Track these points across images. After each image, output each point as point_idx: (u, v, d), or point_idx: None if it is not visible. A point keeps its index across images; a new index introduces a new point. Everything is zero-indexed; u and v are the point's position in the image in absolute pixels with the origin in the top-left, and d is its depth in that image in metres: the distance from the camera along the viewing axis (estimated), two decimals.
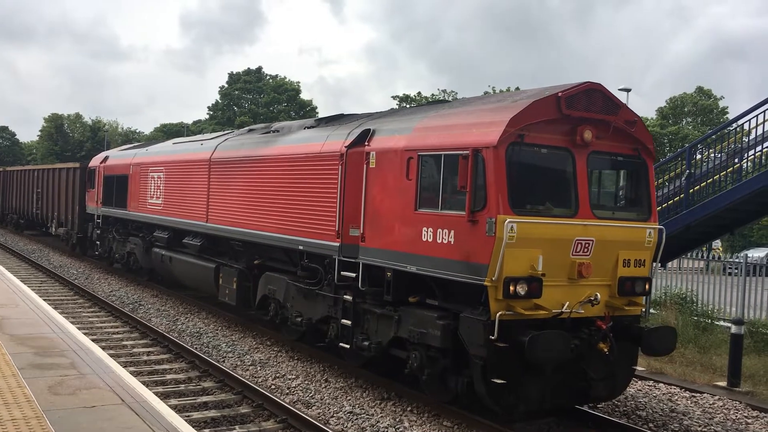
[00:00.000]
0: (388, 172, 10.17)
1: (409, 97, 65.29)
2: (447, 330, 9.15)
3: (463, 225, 8.76)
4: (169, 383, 11.17)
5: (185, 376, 11.68)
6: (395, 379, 10.96)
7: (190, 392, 10.72)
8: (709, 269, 18.95)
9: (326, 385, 11.37)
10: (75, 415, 6.96)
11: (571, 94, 8.78)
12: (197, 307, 18.04)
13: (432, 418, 9.85)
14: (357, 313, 10.93)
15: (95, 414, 7.04)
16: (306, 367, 12.46)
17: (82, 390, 7.86)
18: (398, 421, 9.72)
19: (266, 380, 11.62)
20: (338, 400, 10.60)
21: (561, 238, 8.80)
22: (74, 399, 7.50)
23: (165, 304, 18.58)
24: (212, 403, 10.20)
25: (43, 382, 8.02)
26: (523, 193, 8.73)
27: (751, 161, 16.53)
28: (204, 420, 9.35)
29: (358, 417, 9.80)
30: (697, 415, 10.64)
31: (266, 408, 9.91)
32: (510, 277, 8.41)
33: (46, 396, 7.51)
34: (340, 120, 13.05)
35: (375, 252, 10.33)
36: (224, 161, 15.25)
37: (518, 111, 8.53)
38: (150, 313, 17.27)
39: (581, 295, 9.01)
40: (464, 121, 9.22)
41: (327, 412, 10.02)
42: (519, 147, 8.61)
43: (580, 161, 9.07)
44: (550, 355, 8.24)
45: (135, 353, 13.16)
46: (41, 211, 32.92)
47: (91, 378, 8.38)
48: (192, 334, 15.04)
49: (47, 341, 10.26)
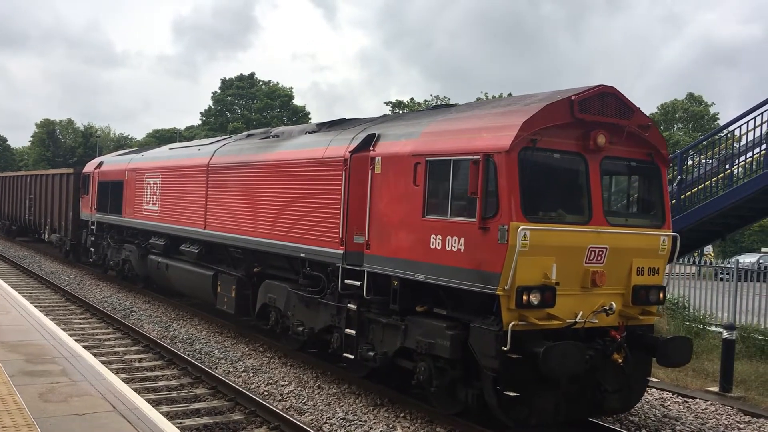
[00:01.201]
0: (394, 178, 9.91)
1: (402, 103, 64.94)
2: (456, 340, 8.88)
3: (473, 232, 8.50)
4: (161, 390, 11.07)
5: (177, 382, 11.58)
6: (400, 389, 10.68)
7: (183, 399, 10.63)
8: (701, 274, 18.78)
9: (319, 392, 11.28)
10: (66, 423, 6.88)
11: (585, 98, 8.54)
12: (190, 313, 17.93)
13: (425, 425, 9.76)
14: (361, 322, 10.65)
15: (87, 421, 6.96)
16: (299, 373, 12.37)
17: (74, 397, 7.78)
18: (391, 427, 9.65)
19: (259, 387, 11.53)
20: (331, 406, 10.52)
21: (574, 245, 8.55)
22: (66, 406, 7.41)
23: (157, 311, 18.45)
24: (204, 409, 10.12)
25: (35, 390, 7.93)
26: (535, 200, 8.49)
27: (742, 167, 16.44)
28: (196, 427, 9.27)
29: (351, 423, 9.73)
30: (690, 420, 10.48)
31: (259, 414, 9.84)
32: (523, 286, 8.15)
33: (37, 403, 7.43)
34: (343, 125, 12.79)
35: (380, 260, 10.05)
36: (223, 167, 14.95)
37: (531, 115, 8.28)
38: (142, 320, 17.14)
39: (594, 305, 8.76)
40: (474, 126, 8.97)
41: (320, 419, 9.95)
42: (531, 152, 8.36)
43: (593, 166, 8.83)
44: (565, 367, 7.97)
45: (127, 360, 13.05)
46: (34, 218, 32.53)
47: (82, 385, 8.30)
48: (184, 341, 14.94)
49: (38, 348, 10.15)
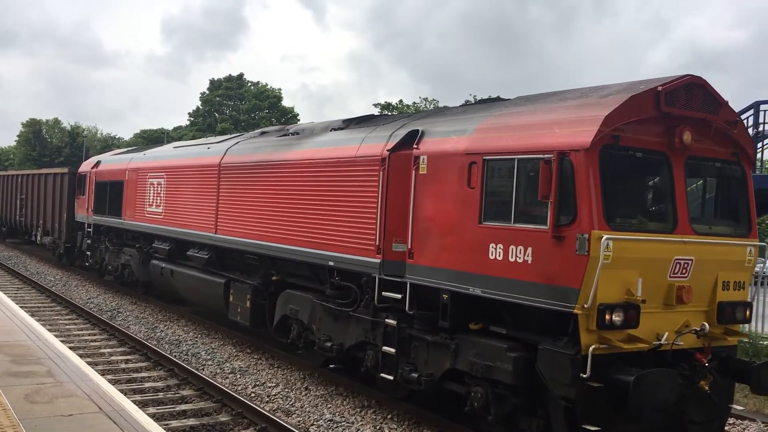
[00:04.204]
0: (443, 179, 8.84)
1: (391, 105, 63.99)
2: (520, 364, 7.83)
3: (544, 241, 7.44)
4: (147, 391, 10.99)
5: (164, 384, 11.48)
6: (449, 416, 9.64)
7: (169, 400, 10.57)
8: None
9: (306, 393, 11.17)
10: (52, 424, 6.85)
11: (672, 89, 7.51)
12: (176, 314, 17.62)
13: (412, 426, 9.61)
14: (402, 339, 9.57)
15: (73, 422, 6.94)
16: (286, 374, 12.28)
17: (60, 398, 7.75)
18: (379, 429, 9.53)
19: (246, 388, 11.43)
20: (318, 408, 10.43)
21: (659, 257, 7.52)
22: (51, 407, 7.39)
23: (144, 312, 18.11)
24: (191, 411, 10.07)
25: (20, 391, 7.89)
26: (616, 205, 7.44)
27: None
28: (183, 428, 9.23)
29: (339, 425, 9.63)
30: None
31: (246, 416, 9.78)
32: (605, 304, 7.11)
33: (22, 404, 7.39)
34: (372, 121, 11.70)
35: (426, 271, 8.98)
36: (237, 166, 13.82)
37: (614, 107, 7.24)
38: (128, 321, 16.88)
39: (677, 324, 7.75)
40: (543, 120, 7.91)
41: (307, 420, 9.87)
42: (613, 150, 7.32)
43: (678, 167, 7.80)
44: (659, 397, 6.94)
45: (113, 361, 12.90)
46: (25, 219, 31.17)
47: (68, 386, 8.28)
48: (171, 342, 14.71)
49: (24, 349, 10.06)
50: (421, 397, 10.02)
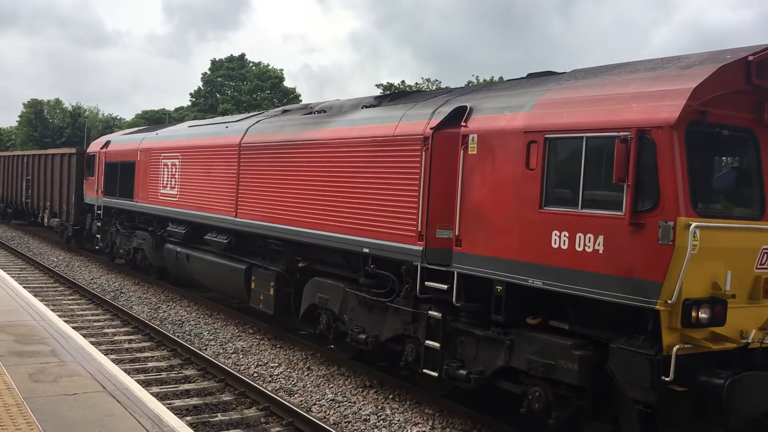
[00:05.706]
0: (496, 160, 8.07)
1: (393, 85, 63.40)
2: (587, 363, 7.12)
3: (619, 229, 6.69)
4: (150, 371, 11.05)
5: (167, 363, 11.53)
6: (489, 412, 8.95)
7: (172, 380, 10.65)
8: None
9: (308, 373, 11.19)
10: (56, 403, 6.87)
11: (763, 59, 6.70)
12: (179, 294, 17.46)
13: (414, 406, 9.69)
14: (447, 333, 8.86)
15: (77, 401, 6.96)
16: (288, 355, 12.27)
17: (63, 377, 7.75)
18: (380, 408, 9.60)
19: (248, 368, 11.43)
20: (320, 387, 10.47)
21: (746, 247, 6.78)
22: (55, 386, 7.39)
23: (147, 292, 17.95)
24: (194, 390, 10.14)
25: (24, 370, 7.88)
26: (702, 190, 6.68)
27: None
28: (186, 407, 9.29)
29: (341, 404, 9.71)
30: None
31: (248, 396, 9.82)
32: (690, 299, 6.37)
33: (26, 384, 7.40)
34: (409, 97, 10.91)
35: (477, 260, 8.24)
36: (259, 146, 13.03)
37: (703, 79, 6.44)
38: (131, 301, 16.75)
39: (761, 319, 7.00)
40: (616, 93, 7.11)
41: (309, 400, 9.93)
42: (700, 127, 6.54)
43: (766, 146, 7.02)
44: (756, 403, 6.22)
45: (116, 341, 12.87)
46: (32, 200, 30.43)
47: (72, 365, 8.27)
48: (174, 322, 14.63)
49: (27, 329, 10.03)
50: (461, 395, 9.33)
